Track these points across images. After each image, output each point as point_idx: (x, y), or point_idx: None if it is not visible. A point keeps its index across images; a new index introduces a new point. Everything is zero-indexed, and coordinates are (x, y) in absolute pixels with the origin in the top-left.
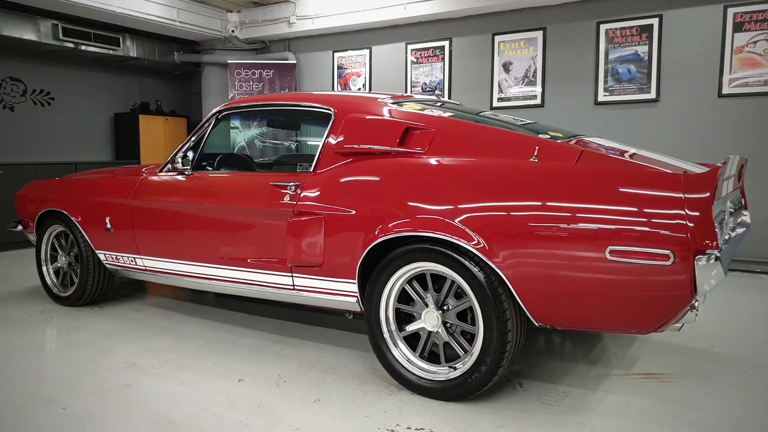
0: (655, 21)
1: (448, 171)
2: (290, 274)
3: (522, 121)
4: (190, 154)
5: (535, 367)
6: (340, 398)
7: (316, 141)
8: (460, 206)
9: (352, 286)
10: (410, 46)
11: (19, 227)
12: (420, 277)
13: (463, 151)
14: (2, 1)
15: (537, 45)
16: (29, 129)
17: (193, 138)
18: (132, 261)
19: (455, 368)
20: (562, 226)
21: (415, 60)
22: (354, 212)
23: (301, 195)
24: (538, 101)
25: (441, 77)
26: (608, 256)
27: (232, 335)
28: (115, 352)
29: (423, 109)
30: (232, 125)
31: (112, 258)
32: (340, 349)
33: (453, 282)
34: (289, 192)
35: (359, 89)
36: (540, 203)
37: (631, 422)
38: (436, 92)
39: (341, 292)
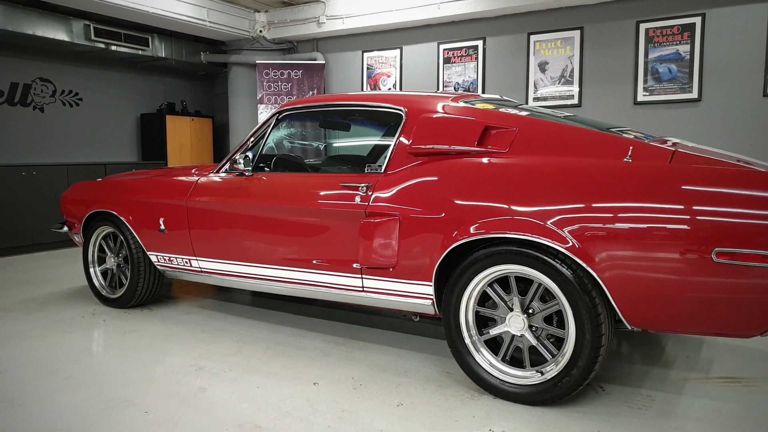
0: (697, 20)
1: (536, 171)
2: (360, 276)
3: (562, 113)
4: (250, 155)
5: (610, 370)
6: (422, 402)
7: (352, 142)
8: (552, 207)
9: (428, 289)
10: (442, 46)
11: (65, 228)
12: (500, 280)
13: (548, 150)
14: (36, 1)
15: (574, 44)
16: (58, 130)
17: (252, 139)
18: (187, 262)
19: (542, 372)
20: (662, 227)
21: (447, 59)
22: (432, 213)
23: (373, 196)
24: (575, 101)
25: (474, 77)
26: (714, 258)
27: (293, 337)
28: (178, 354)
29: (497, 108)
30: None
31: (165, 259)
32: (407, 351)
33: (539, 285)
34: (360, 193)
35: (389, 89)
36: (638, 204)
37: (729, 428)
38: (460, 91)
39: (415, 294)
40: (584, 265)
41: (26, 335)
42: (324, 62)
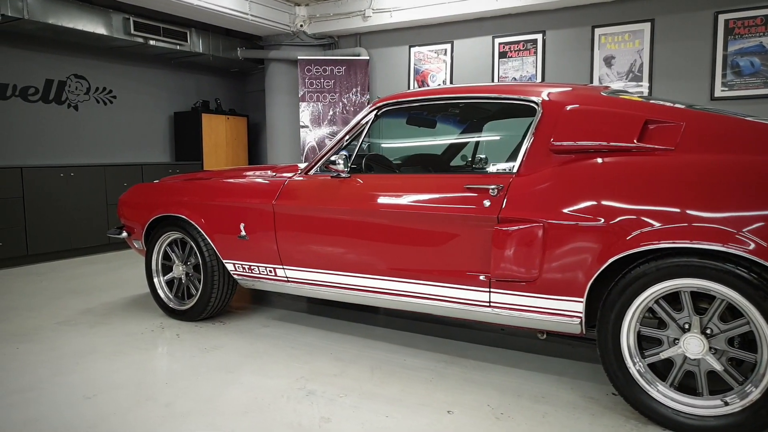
0: None
1: (720, 171)
2: (487, 290)
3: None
4: (346, 154)
5: None
6: None
7: (458, 140)
8: (746, 213)
9: (577, 306)
10: (498, 40)
11: (123, 234)
12: (667, 296)
13: (727, 147)
14: None
15: (644, 38)
16: (93, 128)
17: (347, 137)
18: (271, 271)
19: (726, 402)
20: None
21: (503, 54)
22: (588, 220)
23: (506, 200)
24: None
25: (533, 72)
26: None
27: (394, 354)
28: (279, 376)
29: (648, 100)
30: (302, 124)
31: (244, 268)
32: (530, 372)
33: (720, 302)
34: (491, 196)
35: (438, 85)
36: None
37: None
38: None
39: (559, 311)
40: None
41: (100, 352)
42: (368, 58)
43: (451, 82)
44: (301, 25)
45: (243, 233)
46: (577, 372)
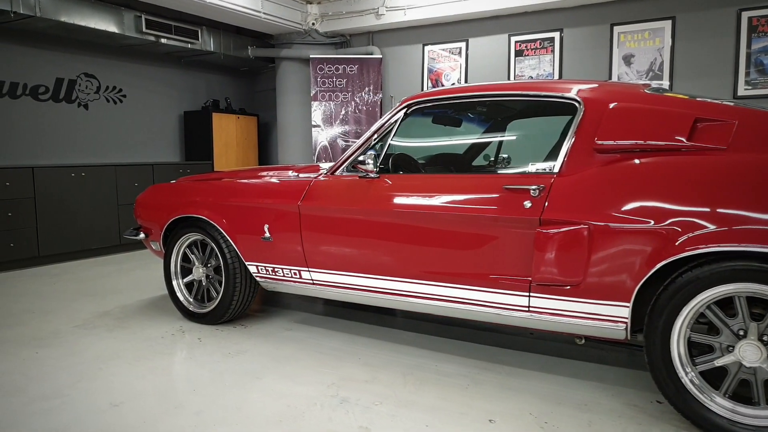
0: None
1: None
2: (527, 294)
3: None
4: (373, 153)
5: None
6: None
7: (489, 138)
8: None
9: (623, 311)
10: (514, 38)
11: (141, 235)
12: (719, 301)
13: None
14: None
15: (664, 36)
16: (103, 128)
17: (376, 136)
18: (296, 274)
19: None
20: None
21: (519, 52)
22: (636, 222)
23: (548, 201)
24: None
25: (550, 70)
26: None
27: (425, 359)
28: (309, 382)
29: (695, 97)
30: (314, 123)
31: (267, 270)
32: (568, 378)
33: None
34: (532, 197)
35: (452, 84)
36: None
37: None
38: None
39: (603, 316)
40: None
41: (121, 357)
42: (381, 56)
43: (466, 81)
44: (313, 24)
45: (267, 234)
46: (616, 378)
